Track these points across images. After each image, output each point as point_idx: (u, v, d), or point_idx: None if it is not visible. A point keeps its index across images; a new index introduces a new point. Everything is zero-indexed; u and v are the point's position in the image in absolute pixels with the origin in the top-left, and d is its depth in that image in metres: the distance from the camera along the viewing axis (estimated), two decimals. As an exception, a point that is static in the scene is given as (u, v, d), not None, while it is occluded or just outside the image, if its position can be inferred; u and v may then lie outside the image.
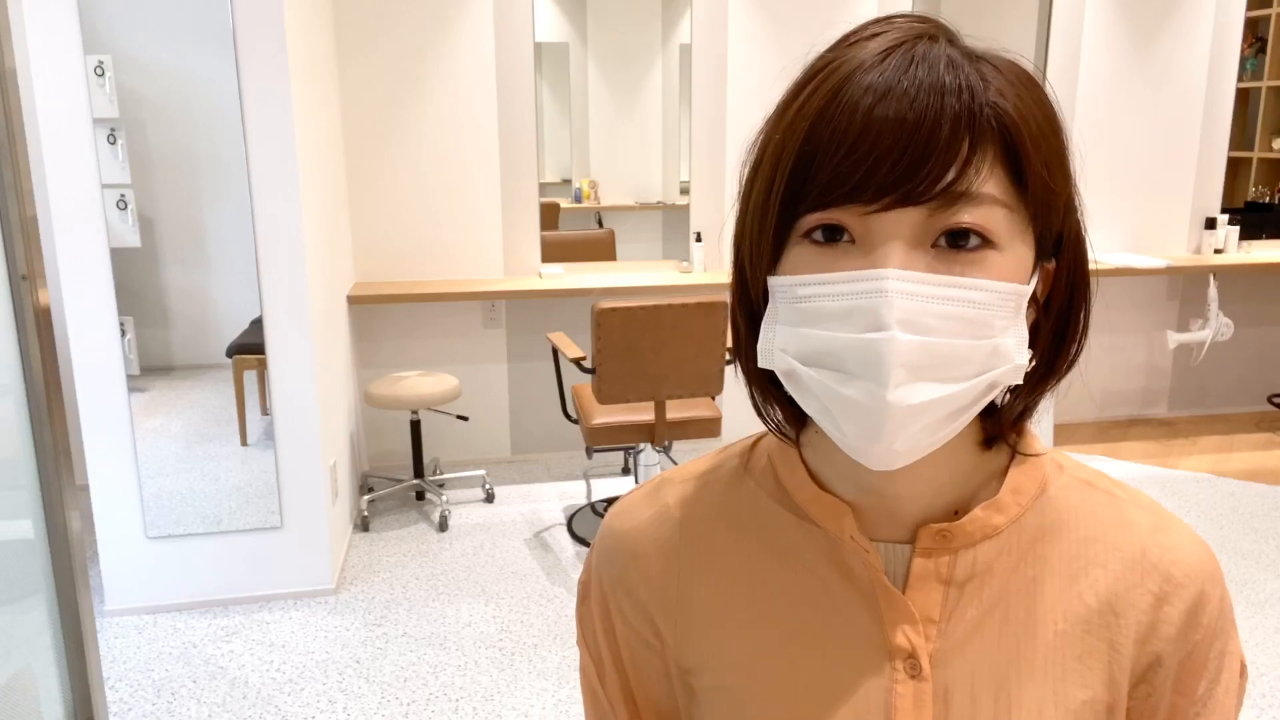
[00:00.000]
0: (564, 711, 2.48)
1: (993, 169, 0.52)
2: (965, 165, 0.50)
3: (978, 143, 0.51)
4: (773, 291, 0.56)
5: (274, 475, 2.96)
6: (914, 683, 0.59)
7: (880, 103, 0.50)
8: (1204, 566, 0.62)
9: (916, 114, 0.50)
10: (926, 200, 0.50)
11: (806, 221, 0.53)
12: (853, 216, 0.52)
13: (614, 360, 3.00)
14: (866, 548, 0.60)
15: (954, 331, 0.51)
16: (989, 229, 0.52)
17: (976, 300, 0.51)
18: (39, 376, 1.55)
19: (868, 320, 0.50)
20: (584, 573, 0.72)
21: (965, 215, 0.51)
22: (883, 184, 0.50)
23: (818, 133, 0.52)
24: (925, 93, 0.50)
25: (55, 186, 2.66)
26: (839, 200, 0.51)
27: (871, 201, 0.51)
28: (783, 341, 0.55)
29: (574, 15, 4.26)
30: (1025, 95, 0.53)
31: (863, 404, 0.51)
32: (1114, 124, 4.42)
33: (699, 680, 0.65)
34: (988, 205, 0.51)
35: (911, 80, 0.50)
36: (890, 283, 0.50)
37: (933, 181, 0.50)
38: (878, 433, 0.51)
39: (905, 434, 0.52)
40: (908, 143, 0.50)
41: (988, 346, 0.52)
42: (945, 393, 0.51)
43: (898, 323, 0.50)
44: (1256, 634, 2.82)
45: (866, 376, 0.51)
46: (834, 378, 0.52)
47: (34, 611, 1.65)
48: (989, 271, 0.52)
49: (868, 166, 0.50)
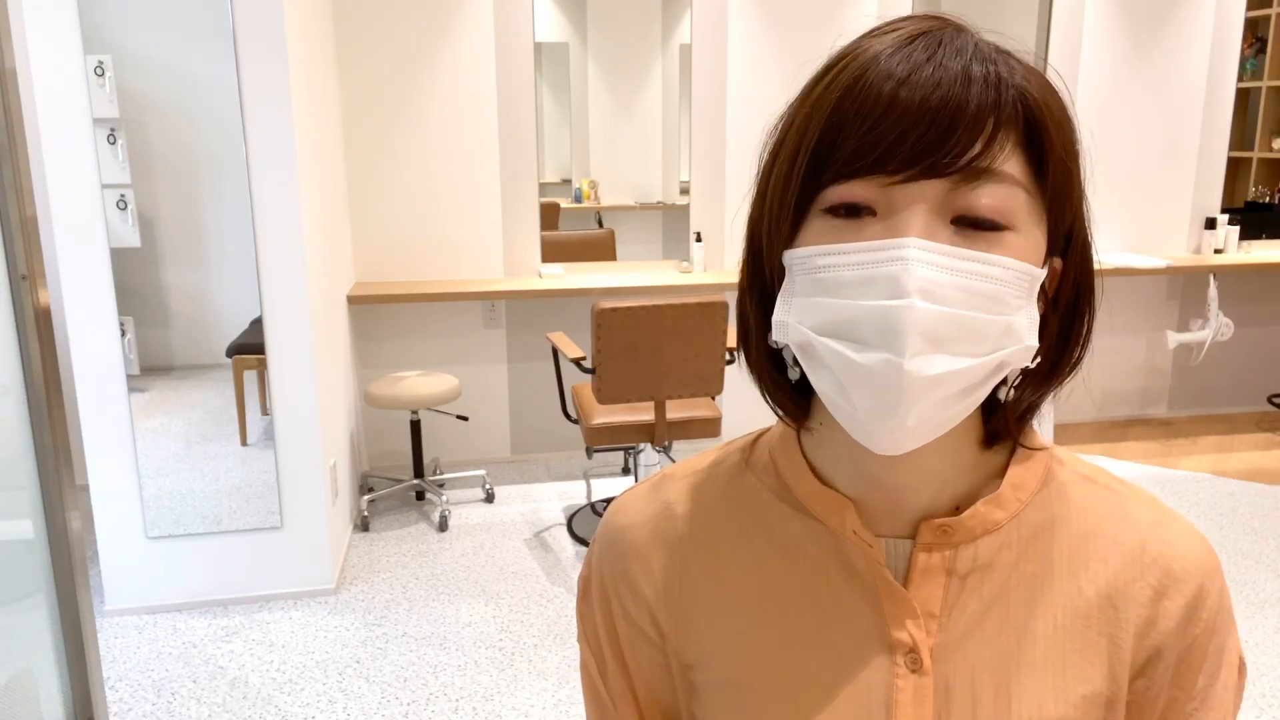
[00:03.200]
0: (564, 711, 2.48)
1: (1014, 151, 0.53)
2: (990, 142, 0.51)
3: (1001, 124, 0.52)
4: (790, 266, 0.56)
5: (274, 475, 2.96)
6: (915, 677, 0.59)
7: (906, 81, 0.51)
8: (1204, 561, 0.62)
9: (944, 90, 0.51)
10: (951, 173, 0.51)
11: (829, 195, 0.53)
12: (875, 188, 0.52)
13: (614, 360, 3.00)
14: (870, 541, 0.61)
15: (971, 305, 0.51)
16: (1008, 208, 0.52)
17: (993, 275, 0.52)
18: (39, 376, 1.55)
19: (887, 288, 0.51)
20: (585, 569, 0.72)
21: (985, 195, 0.52)
22: (907, 155, 0.51)
23: (844, 106, 0.52)
24: (952, 74, 0.51)
25: (55, 186, 2.66)
26: (863, 171, 0.52)
27: (896, 172, 0.51)
28: (799, 314, 0.55)
29: (574, 15, 4.26)
30: (1048, 89, 0.54)
31: (878, 373, 0.51)
32: (1114, 124, 4.42)
33: (700, 675, 0.65)
34: (1009, 185, 0.52)
35: (938, 63, 0.51)
36: (911, 250, 0.50)
37: (958, 154, 0.51)
38: (892, 406, 0.51)
39: (919, 408, 0.51)
40: (935, 117, 0.50)
41: (1002, 323, 0.53)
42: (960, 366, 0.51)
43: (917, 291, 0.50)
44: (1256, 634, 2.82)
45: (884, 345, 0.51)
46: (850, 346, 0.52)
47: (34, 611, 1.65)
48: (1006, 251, 0.53)
49: (894, 138, 0.51)
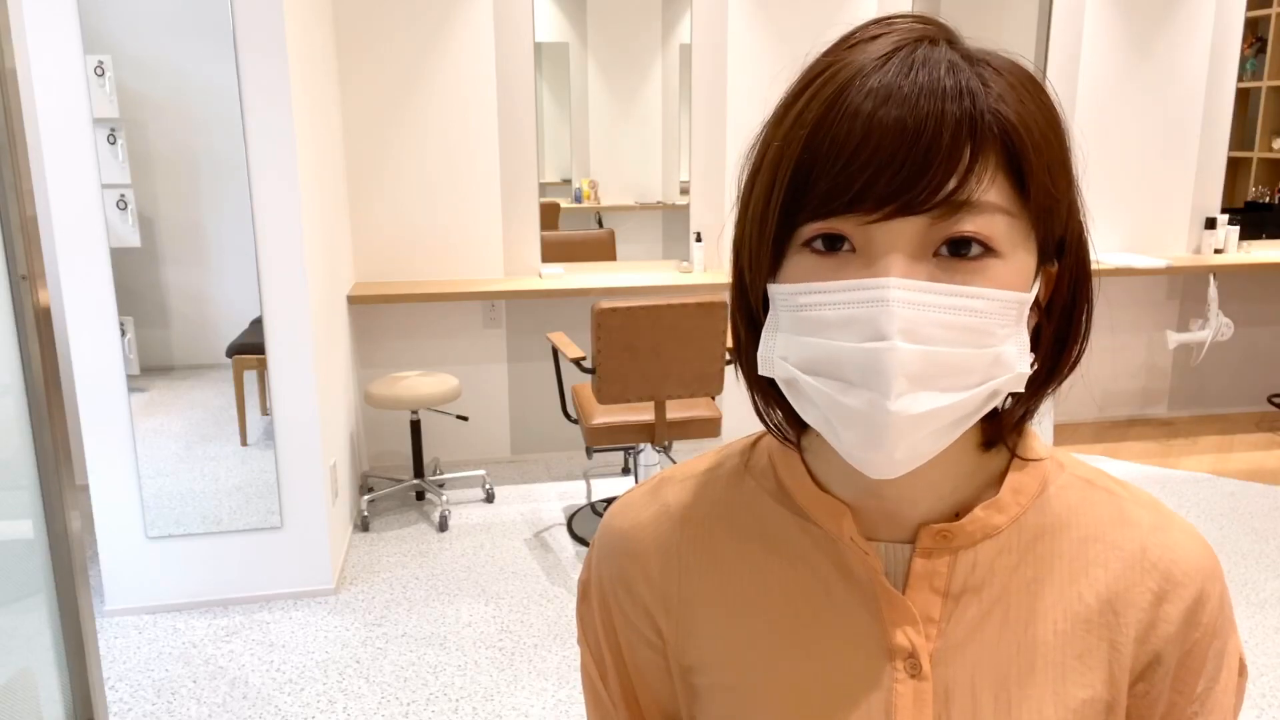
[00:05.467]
0: (564, 711, 2.48)
1: (994, 176, 0.51)
2: (967, 173, 0.50)
3: (979, 150, 0.50)
4: (773, 299, 0.55)
5: (274, 475, 2.96)
6: (914, 682, 0.59)
7: (880, 110, 0.50)
8: (1204, 565, 0.62)
9: (917, 121, 0.49)
10: (927, 210, 0.50)
11: (806, 231, 0.53)
12: (853, 226, 0.51)
13: (614, 360, 3.00)
14: (866, 549, 0.60)
15: (955, 341, 0.51)
16: (990, 237, 0.51)
17: (978, 309, 0.51)
18: (39, 376, 1.55)
19: (869, 329, 0.50)
20: (584, 571, 0.71)
21: (967, 224, 0.51)
22: (883, 194, 0.50)
23: (817, 141, 0.51)
24: (926, 99, 0.50)
25: (55, 186, 2.65)
26: (839, 210, 0.51)
27: (872, 211, 0.50)
28: (783, 349, 0.55)
29: (574, 15, 4.26)
30: (1027, 98, 0.52)
31: (864, 413, 0.51)
32: (1114, 124, 4.42)
33: (700, 679, 0.65)
34: (989, 213, 0.51)
35: (912, 86, 0.50)
36: (892, 292, 0.50)
37: (934, 190, 0.50)
38: (879, 442, 0.51)
39: (906, 443, 0.51)
40: (908, 152, 0.49)
41: (989, 355, 0.52)
42: (947, 402, 0.51)
43: (899, 332, 0.49)
44: (1256, 634, 2.82)
45: (868, 385, 0.50)
46: (835, 386, 0.52)
47: (34, 611, 1.65)
48: (991, 280, 0.52)
49: (867, 176, 0.49)
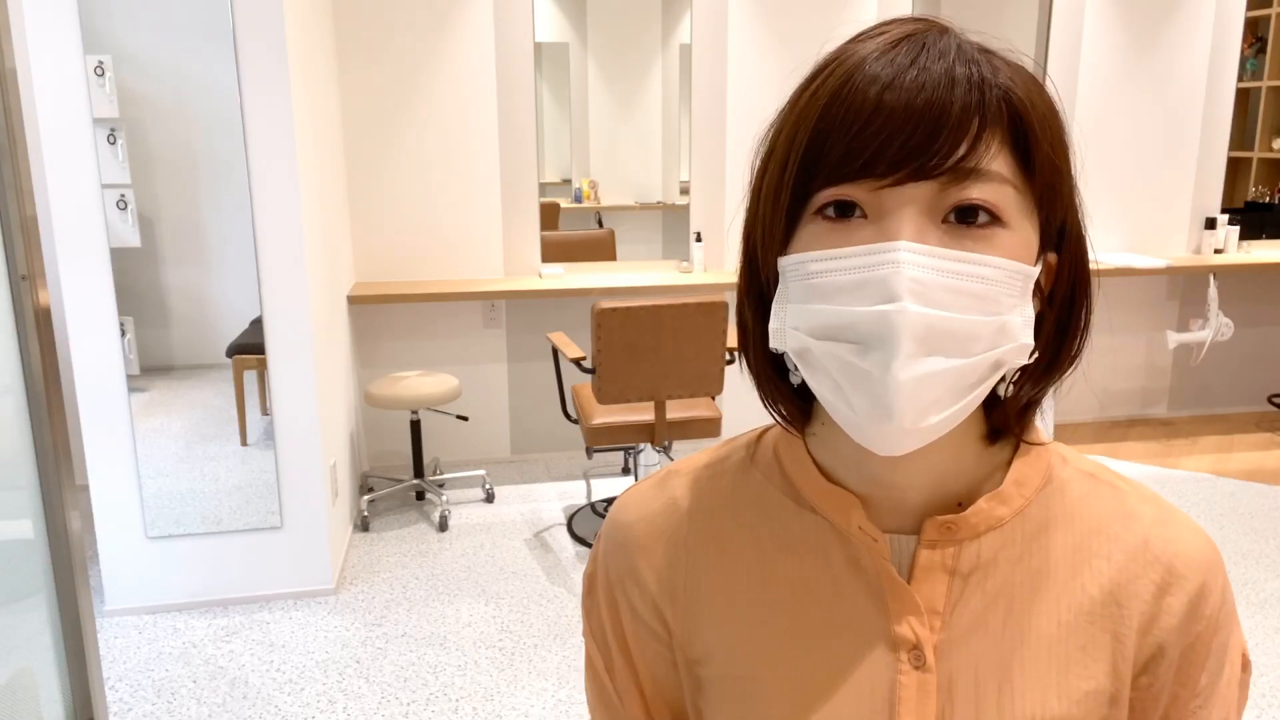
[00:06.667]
0: (564, 711, 2.48)
1: (1000, 150, 0.53)
2: (975, 141, 0.52)
3: (987, 123, 0.52)
4: (784, 272, 0.56)
5: (274, 475, 2.96)
6: (918, 673, 0.59)
7: (891, 85, 0.52)
8: (1206, 558, 0.62)
9: (928, 93, 0.51)
10: (938, 174, 0.51)
11: (819, 198, 0.54)
12: (865, 191, 0.53)
13: (614, 360, 3.00)
14: (876, 537, 0.61)
15: (963, 306, 0.52)
16: (998, 205, 0.53)
17: (985, 276, 0.52)
18: (39, 376, 1.55)
19: (880, 292, 0.51)
20: (590, 564, 0.72)
21: (975, 191, 0.52)
22: (895, 158, 0.51)
23: (831, 112, 0.53)
24: (936, 76, 0.52)
25: (55, 186, 2.65)
26: (852, 175, 0.52)
27: (884, 175, 0.52)
28: (794, 319, 0.55)
29: (574, 15, 4.26)
30: (1033, 86, 0.55)
31: (874, 376, 0.51)
32: (1114, 124, 4.42)
33: (706, 670, 0.65)
34: (997, 183, 0.53)
35: (921, 66, 0.52)
36: (902, 254, 0.51)
37: (944, 156, 0.51)
38: (889, 408, 0.52)
39: (915, 409, 0.52)
40: (919, 120, 0.51)
41: (995, 323, 0.53)
42: (954, 365, 0.52)
43: (909, 294, 0.51)
44: (1257, 633, 2.82)
45: (878, 348, 0.51)
46: (847, 349, 0.53)
47: (34, 611, 1.65)
48: (998, 249, 0.53)
49: (880, 141, 0.51)
